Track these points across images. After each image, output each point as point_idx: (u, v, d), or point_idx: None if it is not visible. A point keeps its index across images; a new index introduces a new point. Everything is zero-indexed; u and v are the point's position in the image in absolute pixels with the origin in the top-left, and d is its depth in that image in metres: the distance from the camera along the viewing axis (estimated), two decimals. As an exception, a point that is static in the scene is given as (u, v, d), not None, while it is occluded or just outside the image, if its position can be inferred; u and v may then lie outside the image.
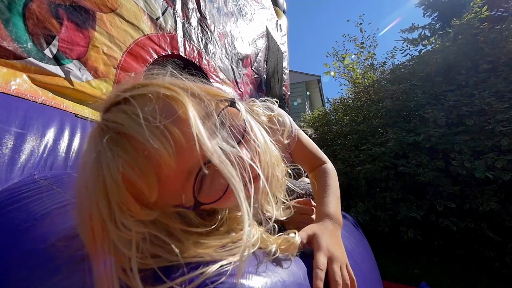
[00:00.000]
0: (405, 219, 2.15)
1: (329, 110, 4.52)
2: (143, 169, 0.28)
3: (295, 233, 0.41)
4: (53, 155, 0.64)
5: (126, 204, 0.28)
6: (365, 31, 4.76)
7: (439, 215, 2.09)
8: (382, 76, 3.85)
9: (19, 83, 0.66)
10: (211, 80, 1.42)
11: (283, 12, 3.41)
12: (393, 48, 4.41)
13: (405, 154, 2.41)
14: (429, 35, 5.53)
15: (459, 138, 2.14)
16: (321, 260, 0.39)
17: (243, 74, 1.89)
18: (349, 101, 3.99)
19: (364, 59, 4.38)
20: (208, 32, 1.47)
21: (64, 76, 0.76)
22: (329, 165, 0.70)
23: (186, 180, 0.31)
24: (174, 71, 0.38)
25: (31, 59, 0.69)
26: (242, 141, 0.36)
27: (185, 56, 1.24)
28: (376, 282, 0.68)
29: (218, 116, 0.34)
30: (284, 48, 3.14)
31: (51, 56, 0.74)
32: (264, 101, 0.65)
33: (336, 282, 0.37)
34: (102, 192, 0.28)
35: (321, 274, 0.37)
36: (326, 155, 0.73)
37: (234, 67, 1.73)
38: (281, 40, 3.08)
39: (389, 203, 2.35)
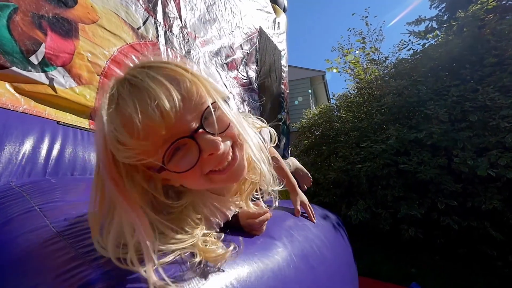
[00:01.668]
0: (406, 217, 2.12)
1: (331, 106, 4.46)
2: (145, 111, 0.34)
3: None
4: (31, 162, 0.65)
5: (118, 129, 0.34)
6: (371, 24, 4.64)
7: (440, 213, 2.05)
8: (385, 71, 3.75)
9: (0, 93, 0.68)
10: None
11: (284, 10, 3.36)
12: (400, 42, 4.29)
13: (406, 151, 2.36)
14: (436, 27, 5.36)
15: (462, 135, 2.08)
16: (313, 210, 0.95)
17: (231, 78, 1.90)
18: (352, 97, 3.92)
19: (365, 55, 4.29)
20: (190, 39, 1.50)
21: (48, 84, 0.78)
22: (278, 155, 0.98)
23: (166, 140, 0.36)
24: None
25: (14, 68, 0.70)
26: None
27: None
28: (337, 285, 0.69)
29: (213, 102, 0.40)
30: (282, 46, 3.09)
31: (36, 63, 0.76)
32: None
33: (312, 214, 0.94)
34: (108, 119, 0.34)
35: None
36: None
37: (219, 71, 1.74)
38: (279, 38, 3.04)
39: (390, 201, 2.32)
